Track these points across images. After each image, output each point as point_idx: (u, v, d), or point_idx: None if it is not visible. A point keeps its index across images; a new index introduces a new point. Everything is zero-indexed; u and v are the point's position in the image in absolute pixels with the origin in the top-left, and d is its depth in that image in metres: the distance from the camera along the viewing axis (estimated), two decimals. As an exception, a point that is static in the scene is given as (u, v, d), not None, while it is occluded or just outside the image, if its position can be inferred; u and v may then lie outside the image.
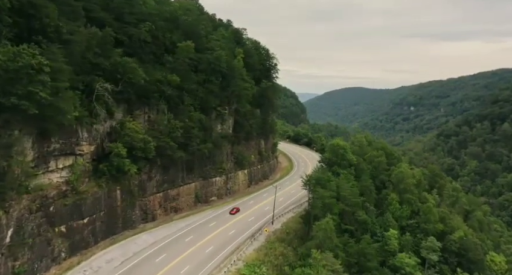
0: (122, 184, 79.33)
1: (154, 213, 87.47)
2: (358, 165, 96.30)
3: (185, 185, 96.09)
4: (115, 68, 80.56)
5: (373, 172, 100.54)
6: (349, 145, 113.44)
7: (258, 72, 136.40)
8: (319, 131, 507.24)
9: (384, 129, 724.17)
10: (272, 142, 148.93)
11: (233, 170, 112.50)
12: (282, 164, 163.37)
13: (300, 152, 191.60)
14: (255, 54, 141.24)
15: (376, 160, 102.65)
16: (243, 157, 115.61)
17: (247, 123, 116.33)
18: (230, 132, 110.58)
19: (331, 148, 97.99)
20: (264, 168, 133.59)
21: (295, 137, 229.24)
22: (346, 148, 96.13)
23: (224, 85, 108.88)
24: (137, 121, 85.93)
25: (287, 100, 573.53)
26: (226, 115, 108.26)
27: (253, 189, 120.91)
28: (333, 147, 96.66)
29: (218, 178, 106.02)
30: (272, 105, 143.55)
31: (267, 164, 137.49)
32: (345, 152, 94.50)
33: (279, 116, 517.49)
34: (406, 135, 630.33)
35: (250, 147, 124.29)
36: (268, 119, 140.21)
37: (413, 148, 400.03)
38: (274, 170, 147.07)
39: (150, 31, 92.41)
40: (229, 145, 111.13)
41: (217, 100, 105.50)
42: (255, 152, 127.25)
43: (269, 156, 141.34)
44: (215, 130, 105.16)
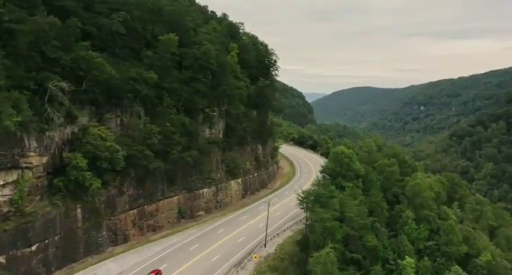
0: (84, 201, 66.55)
1: (126, 234, 74.58)
2: (367, 176, 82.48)
3: (165, 199, 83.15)
4: (77, 64, 68.16)
5: (384, 184, 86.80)
6: (357, 150, 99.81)
7: (254, 69, 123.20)
8: (327, 132, 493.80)
9: (394, 129, 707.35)
10: (271, 146, 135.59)
11: (224, 180, 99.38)
12: (283, 170, 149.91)
13: (304, 156, 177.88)
14: (252, 50, 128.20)
15: (388, 169, 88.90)
16: (236, 164, 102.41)
17: (241, 127, 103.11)
18: (220, 137, 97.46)
19: (334, 157, 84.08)
20: (261, 176, 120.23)
21: (299, 139, 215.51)
22: (352, 157, 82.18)
23: (213, 84, 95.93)
24: (107, 125, 73.53)
25: (294, 100, 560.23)
26: (215, 118, 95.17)
27: (249, 200, 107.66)
28: (337, 155, 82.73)
29: (206, 189, 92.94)
30: (271, 105, 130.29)
31: (265, 171, 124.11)
32: (351, 162, 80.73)
33: (285, 116, 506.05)
34: (416, 136, 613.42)
35: (245, 153, 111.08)
36: (267, 121, 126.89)
37: (424, 149, 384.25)
38: (274, 178, 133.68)
39: (124, 21, 79.77)
40: (220, 152, 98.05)
41: (205, 100, 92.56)
42: (250, 159, 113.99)
43: (268, 162, 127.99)
44: (203, 135, 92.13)
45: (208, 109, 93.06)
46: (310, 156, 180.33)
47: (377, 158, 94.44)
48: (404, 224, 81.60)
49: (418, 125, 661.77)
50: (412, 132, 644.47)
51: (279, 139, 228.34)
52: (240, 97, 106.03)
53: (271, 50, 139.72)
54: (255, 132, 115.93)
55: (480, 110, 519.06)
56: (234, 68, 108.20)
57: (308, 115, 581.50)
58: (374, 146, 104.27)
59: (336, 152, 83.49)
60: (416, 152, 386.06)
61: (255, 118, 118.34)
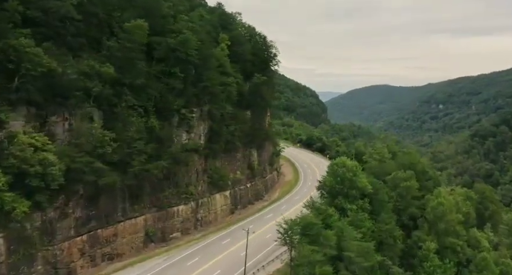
0: (8, 229, 51.86)
1: (70, 267, 59.51)
2: (376, 195, 65.61)
3: (127, 220, 68.03)
4: (5, 55, 54.11)
5: (398, 203, 70.19)
6: (366, 158, 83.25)
7: (249, 63, 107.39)
8: (340, 132, 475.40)
9: (411, 129, 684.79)
10: (269, 151, 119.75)
11: (206, 194, 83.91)
12: (285, 178, 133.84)
13: (310, 161, 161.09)
14: (248, 42, 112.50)
15: (403, 184, 72.26)
16: (222, 174, 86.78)
17: (227, 130, 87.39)
18: (201, 142, 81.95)
19: (333, 170, 66.78)
20: (256, 186, 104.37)
21: (308, 141, 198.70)
22: (357, 171, 65.00)
23: (193, 80, 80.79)
24: (52, 131, 59.19)
25: (307, 99, 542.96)
26: (195, 120, 79.76)
27: (239, 216, 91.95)
28: (337, 169, 65.67)
29: (182, 206, 77.54)
30: (268, 105, 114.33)
31: (261, 180, 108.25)
32: (355, 177, 63.87)
33: (297, 116, 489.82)
34: (434, 135, 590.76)
35: (235, 160, 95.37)
36: (264, 123, 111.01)
37: (444, 150, 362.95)
38: (273, 187, 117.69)
39: (80, 5, 65.27)
40: (201, 160, 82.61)
41: (182, 100, 77.28)
42: (242, 167, 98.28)
43: (265, 170, 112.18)
44: (179, 141, 76.81)
45: (185, 110, 77.70)
46: (318, 160, 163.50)
47: (389, 169, 77.98)
48: (423, 259, 64.58)
49: (437, 124, 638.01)
50: (430, 132, 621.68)
51: (286, 141, 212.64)
52: (228, 95, 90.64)
53: (270, 42, 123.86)
54: (249, 136, 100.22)
55: (502, 108, 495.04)
56: (223, 62, 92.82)
57: (322, 114, 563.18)
58: (386, 153, 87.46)
59: (335, 164, 66.34)
60: (435, 153, 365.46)
61: (249, 119, 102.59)
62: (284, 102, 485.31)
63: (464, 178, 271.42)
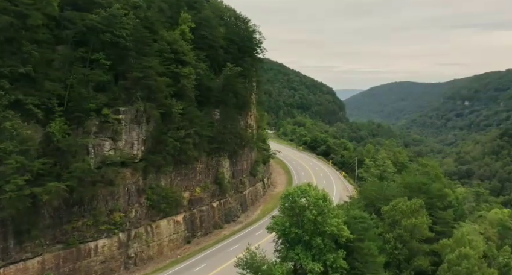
0: None
1: None
2: (360, 242, 41.41)
3: (11, 265, 47.97)
4: None
5: (398, 251, 46.61)
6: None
7: (222, 51, 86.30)
8: (358, 131, 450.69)
9: (435, 127, 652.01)
10: (251, 159, 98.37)
11: (144, 221, 63.08)
12: (275, 189, 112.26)
13: (310, 168, 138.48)
14: (220, 25, 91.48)
15: (406, 222, 48.11)
16: (170, 194, 65.69)
17: (177, 136, 66.20)
18: (135, 153, 61.09)
19: (285, 206, 42.61)
20: (227, 205, 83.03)
21: (312, 143, 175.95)
22: (326, 207, 39.38)
23: (126, 70, 60.38)
24: None
25: (323, 96, 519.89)
26: (124, 123, 59.00)
27: (197, 247, 70.77)
28: (291, 205, 41.37)
29: (103, 240, 56.86)
30: (247, 102, 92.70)
31: (235, 196, 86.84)
32: (322, 216, 40.19)
33: (312, 114, 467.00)
34: (459, 134, 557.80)
35: (193, 175, 74.13)
36: (238, 125, 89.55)
37: (470, 151, 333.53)
38: (254, 203, 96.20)
39: None
40: (136, 177, 61.76)
41: (104, 96, 56.93)
42: (205, 182, 77.00)
43: (242, 183, 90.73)
44: (99, 152, 56.24)
45: (110, 109, 57.16)
46: (319, 167, 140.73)
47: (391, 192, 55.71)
48: None
49: (462, 121, 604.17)
50: (455, 130, 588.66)
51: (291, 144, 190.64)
52: (182, 90, 70.03)
53: (252, 26, 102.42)
54: (216, 142, 79.12)
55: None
56: (177, 47, 72.07)
57: (339, 112, 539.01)
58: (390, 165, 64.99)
59: (289, 194, 42.63)
60: (460, 154, 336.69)
61: (219, 120, 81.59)
62: (298, 99, 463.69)
63: (492, 183, 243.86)
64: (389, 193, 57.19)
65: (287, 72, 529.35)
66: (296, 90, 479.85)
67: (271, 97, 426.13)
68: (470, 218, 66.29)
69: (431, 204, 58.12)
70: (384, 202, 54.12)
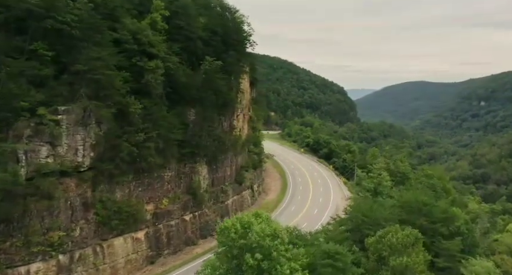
0: None
1: None
2: None
3: None
4: None
5: None
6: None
7: (200, 43, 76.55)
8: (369, 131, 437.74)
9: (450, 128, 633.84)
10: (237, 164, 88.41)
11: (93, 241, 53.54)
12: (267, 196, 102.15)
13: (308, 172, 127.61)
14: (202, 15, 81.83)
15: (396, 261, 36.69)
16: (125, 208, 56.12)
17: (136, 139, 56.57)
18: (80, 160, 51.58)
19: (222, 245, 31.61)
20: (203, 218, 73.03)
21: (314, 146, 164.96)
22: (276, 247, 29.96)
23: (70, 61, 51.10)
24: None
25: (333, 96, 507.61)
26: (65, 125, 49.54)
27: (161, 268, 61.10)
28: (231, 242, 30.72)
29: (38, 264, 47.22)
30: (230, 101, 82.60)
31: (215, 208, 76.88)
32: (276, 264, 28.88)
33: (322, 114, 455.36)
34: (475, 135, 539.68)
35: (160, 184, 64.24)
36: (219, 126, 79.62)
37: (485, 153, 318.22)
38: (239, 214, 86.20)
39: None
40: (82, 189, 52.29)
41: (41, 93, 47.68)
42: (175, 192, 67.21)
43: (224, 192, 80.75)
44: (33, 160, 46.88)
45: (46, 109, 47.78)
46: (318, 172, 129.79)
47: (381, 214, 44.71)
48: None
49: (478, 122, 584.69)
50: (470, 131, 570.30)
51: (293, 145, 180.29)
52: (147, 85, 60.58)
53: (240, 17, 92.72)
54: (190, 147, 69.39)
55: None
56: (141, 37, 62.53)
57: (350, 112, 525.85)
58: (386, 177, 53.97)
59: (223, 230, 31.95)
60: (476, 156, 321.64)
61: (196, 122, 71.86)
62: (307, 99, 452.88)
63: (509, 188, 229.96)
64: (380, 216, 46.15)
65: (296, 70, 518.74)
66: (306, 89, 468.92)
67: (279, 96, 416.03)
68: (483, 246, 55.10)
69: (433, 230, 46.71)
70: (373, 228, 43.32)
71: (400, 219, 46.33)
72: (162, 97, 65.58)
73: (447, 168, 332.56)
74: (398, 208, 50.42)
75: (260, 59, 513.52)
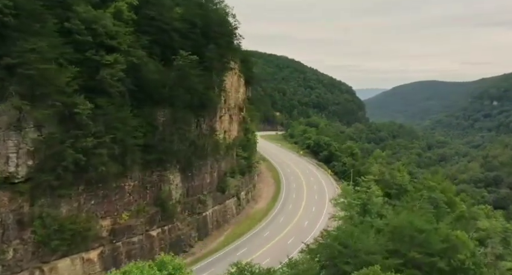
0: None
1: None
2: None
3: None
4: None
5: None
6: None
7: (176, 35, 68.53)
8: (377, 132, 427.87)
9: (461, 128, 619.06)
10: (219, 171, 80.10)
11: (30, 264, 45.54)
12: (254, 206, 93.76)
13: (305, 178, 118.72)
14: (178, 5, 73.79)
15: None
16: (69, 225, 47.97)
17: (79, 145, 48.54)
18: (12, 171, 43.76)
19: None
20: (174, 232, 64.65)
21: (314, 147, 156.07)
22: None
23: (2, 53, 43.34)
24: None
25: (341, 96, 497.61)
26: (-8, 129, 41.82)
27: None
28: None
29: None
30: (209, 101, 74.22)
31: (189, 221, 68.53)
32: None
33: (329, 114, 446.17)
34: (487, 135, 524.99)
35: (120, 195, 56.19)
36: (197, 129, 71.44)
37: (498, 155, 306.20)
38: (220, 227, 77.50)
39: None
40: (19, 203, 44.48)
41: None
42: (138, 204, 59.13)
43: (202, 202, 72.42)
44: None
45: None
46: (315, 177, 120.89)
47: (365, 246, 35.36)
48: None
49: (490, 122, 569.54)
50: (482, 131, 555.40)
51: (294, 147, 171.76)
52: (105, 83, 52.64)
53: (224, 8, 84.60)
54: (160, 152, 61.31)
55: None
56: (105, 29, 54.74)
57: (359, 112, 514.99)
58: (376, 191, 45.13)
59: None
60: (488, 158, 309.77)
61: (167, 124, 63.84)
62: (314, 98, 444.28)
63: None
64: (363, 247, 36.77)
65: (304, 69, 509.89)
66: (313, 88, 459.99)
67: (285, 96, 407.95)
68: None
69: (430, 265, 36.90)
70: (352, 261, 33.86)
71: (387, 249, 37.19)
72: (124, 96, 57.65)
73: (457, 170, 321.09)
74: (387, 234, 41.05)
75: (266, 58, 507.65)
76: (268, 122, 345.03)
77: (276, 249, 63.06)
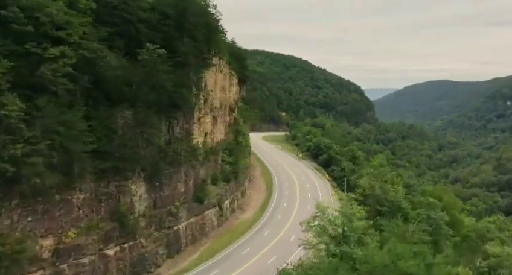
0: None
1: None
2: None
3: None
4: None
5: None
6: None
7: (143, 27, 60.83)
8: (386, 133, 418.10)
9: (474, 128, 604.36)
10: (198, 178, 72.10)
11: None
12: (240, 216, 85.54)
13: (300, 184, 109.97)
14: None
15: None
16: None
17: (5, 153, 40.89)
18: None
19: None
20: (136, 250, 56.75)
21: (314, 150, 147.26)
22: None
23: None
24: None
25: (349, 95, 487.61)
26: None
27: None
28: None
29: None
30: (183, 101, 66.16)
31: (156, 236, 60.62)
32: None
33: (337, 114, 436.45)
34: (501, 136, 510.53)
35: (66, 210, 48.30)
36: (164, 133, 63.50)
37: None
38: (196, 242, 69.20)
39: None
40: None
41: None
42: (91, 220, 51.36)
43: (173, 215, 64.46)
44: None
45: None
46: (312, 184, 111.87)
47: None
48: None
49: (504, 123, 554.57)
50: (496, 132, 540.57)
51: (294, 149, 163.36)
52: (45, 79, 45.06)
53: (207, 0, 76.72)
54: (117, 159, 53.45)
55: None
56: (49, 17, 47.16)
57: (367, 112, 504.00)
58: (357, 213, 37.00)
59: None
60: (501, 160, 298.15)
61: (130, 127, 56.07)
62: (321, 98, 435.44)
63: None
64: None
65: (311, 69, 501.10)
66: (320, 88, 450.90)
67: (291, 95, 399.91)
68: None
69: None
70: None
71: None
72: (75, 95, 50.06)
73: (469, 173, 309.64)
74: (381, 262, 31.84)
75: (273, 57, 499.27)
76: (274, 122, 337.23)
77: (252, 271, 54.94)
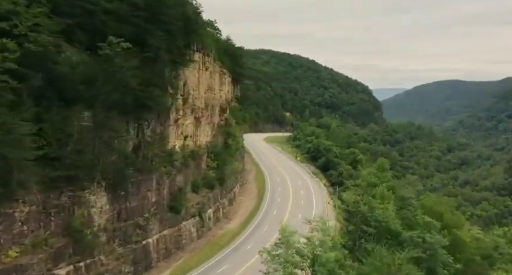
0: None
1: None
2: None
3: None
4: None
5: None
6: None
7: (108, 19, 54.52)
8: (394, 133, 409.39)
9: (484, 129, 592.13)
10: (175, 186, 65.54)
11: None
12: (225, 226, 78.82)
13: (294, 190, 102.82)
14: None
15: None
16: None
17: None
18: None
19: None
20: (95, 269, 50.13)
21: (314, 153, 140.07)
22: None
23: None
24: None
25: (356, 95, 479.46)
26: None
27: None
28: None
29: None
30: (154, 102, 59.59)
31: (119, 253, 54.05)
32: None
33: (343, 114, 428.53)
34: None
35: (7, 225, 42.25)
36: (131, 136, 57.03)
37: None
38: (170, 256, 62.62)
39: None
40: None
41: None
42: (37, 237, 44.97)
43: (142, 228, 57.93)
44: None
45: None
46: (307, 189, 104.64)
47: None
48: None
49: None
50: (507, 133, 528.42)
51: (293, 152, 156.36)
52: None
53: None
54: (69, 167, 47.00)
55: None
56: None
57: (375, 113, 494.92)
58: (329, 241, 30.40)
59: None
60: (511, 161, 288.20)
61: (90, 130, 49.69)
62: (327, 98, 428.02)
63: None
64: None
65: (318, 68, 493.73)
66: (327, 88, 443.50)
67: (296, 95, 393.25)
68: None
69: None
70: None
71: None
72: (21, 95, 43.82)
73: (479, 175, 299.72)
74: None
75: (279, 57, 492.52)
76: (278, 122, 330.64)
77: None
